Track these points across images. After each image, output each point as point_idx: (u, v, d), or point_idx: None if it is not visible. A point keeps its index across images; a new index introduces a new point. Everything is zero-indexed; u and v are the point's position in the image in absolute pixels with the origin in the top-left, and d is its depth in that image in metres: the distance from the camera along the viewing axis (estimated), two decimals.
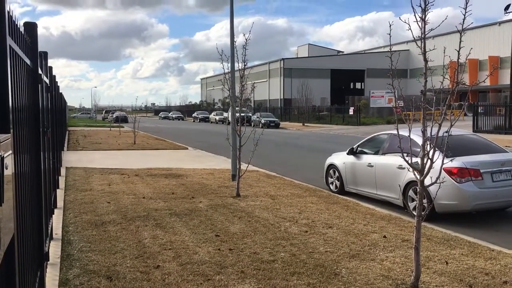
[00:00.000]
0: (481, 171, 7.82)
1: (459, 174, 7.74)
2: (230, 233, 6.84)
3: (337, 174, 10.66)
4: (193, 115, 76.53)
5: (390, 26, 5.04)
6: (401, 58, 5.36)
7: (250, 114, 48.16)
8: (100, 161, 16.13)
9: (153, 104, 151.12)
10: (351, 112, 48.79)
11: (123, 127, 39.75)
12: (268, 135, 24.61)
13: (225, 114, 55.48)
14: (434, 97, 4.97)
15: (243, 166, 10.12)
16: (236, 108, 11.83)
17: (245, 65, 10.23)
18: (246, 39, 9.95)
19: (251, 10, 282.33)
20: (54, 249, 5.91)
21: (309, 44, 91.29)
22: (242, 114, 11.21)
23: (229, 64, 11.60)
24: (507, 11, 34.61)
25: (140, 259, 5.63)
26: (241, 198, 9.50)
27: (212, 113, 67.71)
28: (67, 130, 32.72)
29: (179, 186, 10.96)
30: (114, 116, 58.66)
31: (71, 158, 16.65)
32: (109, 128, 40.62)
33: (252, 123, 39.71)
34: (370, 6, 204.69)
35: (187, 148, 22.13)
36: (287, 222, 7.51)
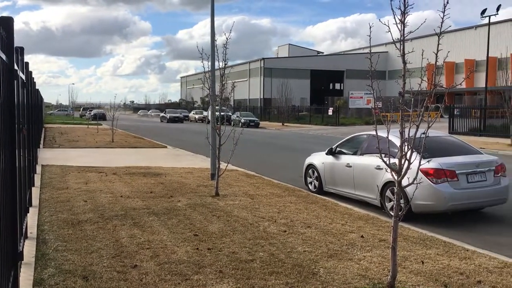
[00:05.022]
0: (457, 172, 7.96)
1: (435, 175, 7.86)
2: (209, 232, 6.81)
3: (316, 174, 10.72)
4: (161, 114, 65.44)
5: (370, 28, 5.09)
6: (380, 60, 5.40)
7: (230, 113, 48.09)
8: (77, 159, 15.89)
9: (132, 102, 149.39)
10: (330, 112, 49.18)
11: (101, 124, 39.21)
12: (248, 134, 24.61)
13: (205, 113, 55.23)
14: (412, 99, 5.03)
15: (223, 165, 10.09)
16: (216, 107, 11.79)
17: (225, 64, 10.21)
18: (226, 38, 9.93)
19: (235, 9, 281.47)
20: (28, 248, 5.80)
21: (289, 44, 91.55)
22: (222, 113, 11.18)
23: (210, 63, 11.56)
24: (483, 16, 35.38)
25: (117, 259, 5.56)
26: (220, 197, 9.47)
27: (192, 112, 67.19)
28: (44, 127, 32.13)
29: (157, 185, 10.87)
30: (92, 114, 57.89)
31: (47, 156, 16.35)
32: (86, 126, 40.05)
33: (232, 122, 39.73)
34: (353, 8, 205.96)
35: (166, 147, 21.96)
36: (266, 221, 7.52)
